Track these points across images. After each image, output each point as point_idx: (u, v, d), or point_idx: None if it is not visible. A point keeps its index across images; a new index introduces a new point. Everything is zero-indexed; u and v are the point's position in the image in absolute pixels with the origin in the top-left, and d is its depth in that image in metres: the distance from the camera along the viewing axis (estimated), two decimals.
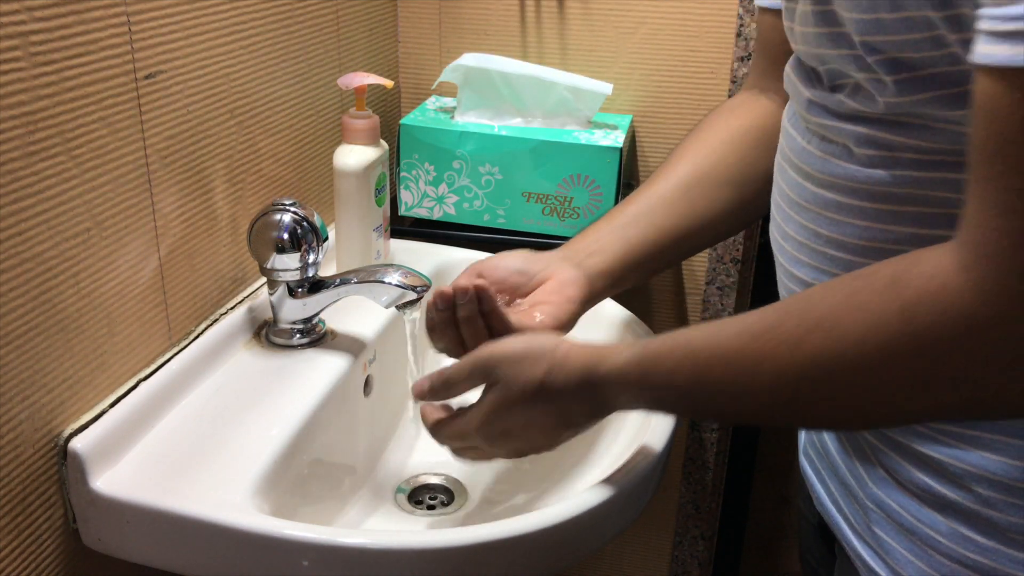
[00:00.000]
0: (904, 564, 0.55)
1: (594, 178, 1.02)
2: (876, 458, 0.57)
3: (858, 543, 0.59)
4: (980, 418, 0.50)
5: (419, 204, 1.08)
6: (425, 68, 1.18)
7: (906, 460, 0.54)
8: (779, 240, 0.61)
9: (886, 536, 0.56)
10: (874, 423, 0.54)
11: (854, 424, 0.55)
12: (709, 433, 1.27)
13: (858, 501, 0.59)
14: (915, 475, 0.54)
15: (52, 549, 0.64)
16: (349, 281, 0.79)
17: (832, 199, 0.54)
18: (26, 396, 0.60)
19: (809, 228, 0.56)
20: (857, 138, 0.51)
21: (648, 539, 1.37)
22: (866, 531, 0.58)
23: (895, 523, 0.55)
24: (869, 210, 0.52)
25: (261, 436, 0.69)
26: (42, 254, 0.59)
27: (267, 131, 0.86)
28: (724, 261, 1.16)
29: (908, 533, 0.55)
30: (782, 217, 0.60)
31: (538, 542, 0.62)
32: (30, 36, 0.56)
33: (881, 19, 0.46)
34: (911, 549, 0.54)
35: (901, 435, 0.54)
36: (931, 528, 0.53)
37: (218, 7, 0.75)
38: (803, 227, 0.57)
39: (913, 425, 0.53)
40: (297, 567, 0.60)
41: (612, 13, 1.09)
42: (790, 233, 0.59)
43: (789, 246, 0.59)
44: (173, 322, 0.75)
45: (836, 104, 0.53)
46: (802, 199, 0.57)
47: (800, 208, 0.57)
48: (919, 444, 0.53)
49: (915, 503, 0.54)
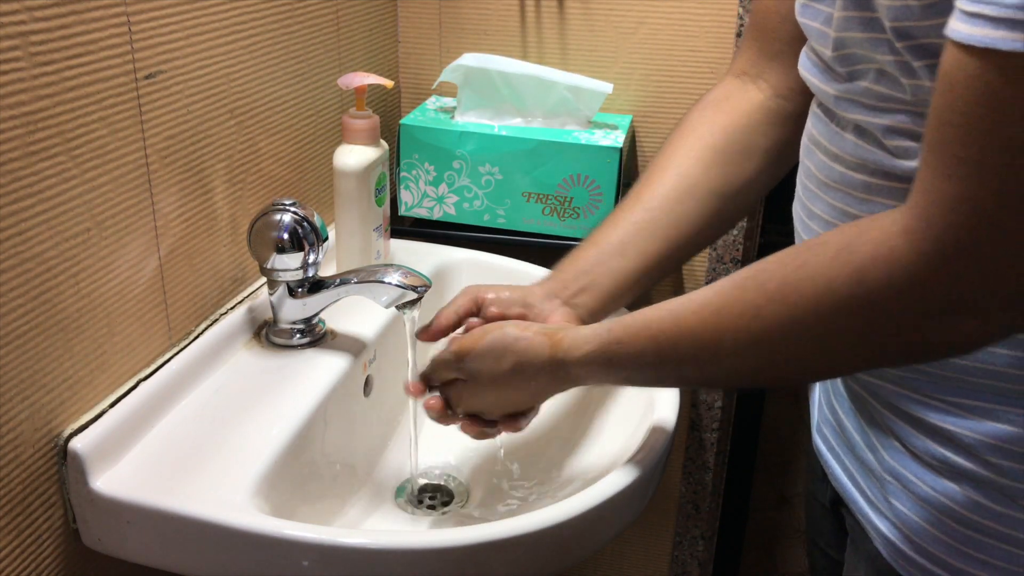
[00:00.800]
0: (920, 532, 0.56)
1: (594, 178, 1.02)
2: (891, 430, 0.58)
3: (875, 515, 0.60)
4: (916, 361, 0.54)
5: (419, 204, 1.08)
6: (425, 68, 1.18)
7: (920, 431, 0.56)
8: (804, 219, 0.62)
9: (902, 507, 0.57)
10: (824, 376, 0.60)
11: (807, 378, 0.60)
12: (709, 433, 1.27)
13: (874, 474, 0.60)
14: (929, 446, 0.55)
15: (52, 549, 0.64)
16: (349, 281, 0.79)
17: (862, 180, 0.55)
18: (26, 396, 0.60)
19: (838, 207, 0.57)
20: (886, 129, 0.52)
21: (648, 539, 1.37)
22: (883, 503, 0.59)
23: (911, 493, 0.57)
24: (899, 191, 0.52)
25: (261, 436, 0.69)
26: (42, 254, 0.59)
27: (267, 131, 0.86)
28: (724, 261, 1.16)
29: (924, 503, 0.56)
30: (808, 197, 0.61)
31: (538, 542, 0.62)
32: (30, 36, 0.56)
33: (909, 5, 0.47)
34: (926, 517, 0.56)
35: (914, 407, 0.56)
36: (947, 497, 0.55)
37: (218, 7, 0.75)
38: (831, 206, 0.58)
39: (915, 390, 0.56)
40: (297, 567, 0.60)
41: (612, 13, 1.09)
42: (817, 212, 0.59)
43: (816, 225, 0.60)
44: (173, 322, 0.75)
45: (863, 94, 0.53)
46: (830, 179, 0.57)
47: (828, 188, 0.58)
48: (932, 416, 0.55)
49: (930, 473, 0.55)
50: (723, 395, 1.24)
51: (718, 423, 1.26)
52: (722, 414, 1.26)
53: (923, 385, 0.55)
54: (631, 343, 0.59)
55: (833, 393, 0.66)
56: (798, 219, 0.64)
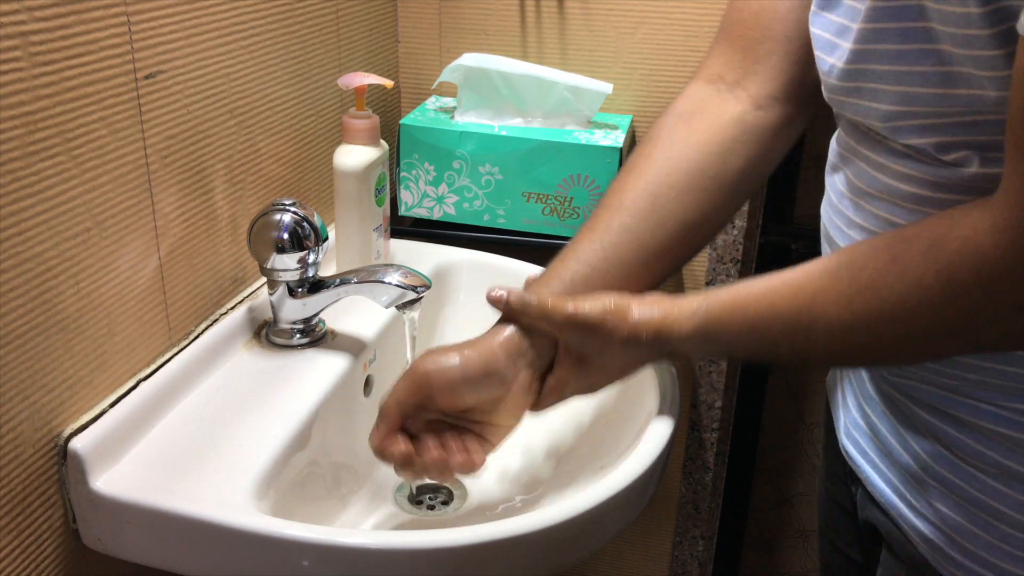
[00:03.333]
0: (970, 538, 0.56)
1: (594, 178, 1.02)
2: (931, 432, 0.58)
3: (917, 519, 0.60)
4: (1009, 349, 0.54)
5: (419, 204, 1.08)
6: (425, 68, 1.18)
7: (968, 435, 0.56)
8: (842, 227, 0.61)
9: (948, 511, 0.57)
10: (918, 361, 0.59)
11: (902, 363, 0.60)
12: (709, 433, 1.27)
13: (915, 477, 0.60)
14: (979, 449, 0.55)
15: (52, 549, 0.64)
16: (349, 281, 0.79)
17: (911, 192, 0.54)
18: (26, 396, 0.60)
19: (883, 217, 0.57)
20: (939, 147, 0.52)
21: (648, 539, 1.37)
22: (926, 507, 0.59)
23: (958, 497, 0.57)
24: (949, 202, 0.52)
25: (261, 436, 0.69)
26: (42, 254, 0.59)
27: (267, 131, 0.86)
28: (724, 261, 1.16)
29: (973, 506, 0.56)
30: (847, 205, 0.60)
31: (538, 542, 0.62)
32: (30, 36, 0.56)
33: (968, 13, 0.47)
34: (976, 522, 0.56)
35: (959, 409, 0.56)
36: (997, 501, 0.55)
37: (218, 7, 0.75)
38: (875, 216, 0.58)
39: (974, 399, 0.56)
40: (297, 567, 0.60)
41: (612, 13, 1.09)
42: (858, 221, 0.59)
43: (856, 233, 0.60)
44: (173, 322, 0.75)
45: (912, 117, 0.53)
46: (873, 188, 0.57)
47: (871, 197, 0.58)
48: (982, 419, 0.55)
49: (980, 476, 0.55)
50: (723, 395, 1.24)
51: (718, 423, 1.26)
52: (722, 414, 1.26)
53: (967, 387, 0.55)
54: (728, 323, 0.60)
55: (863, 396, 0.65)
56: (833, 226, 0.63)
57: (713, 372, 1.23)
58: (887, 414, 0.62)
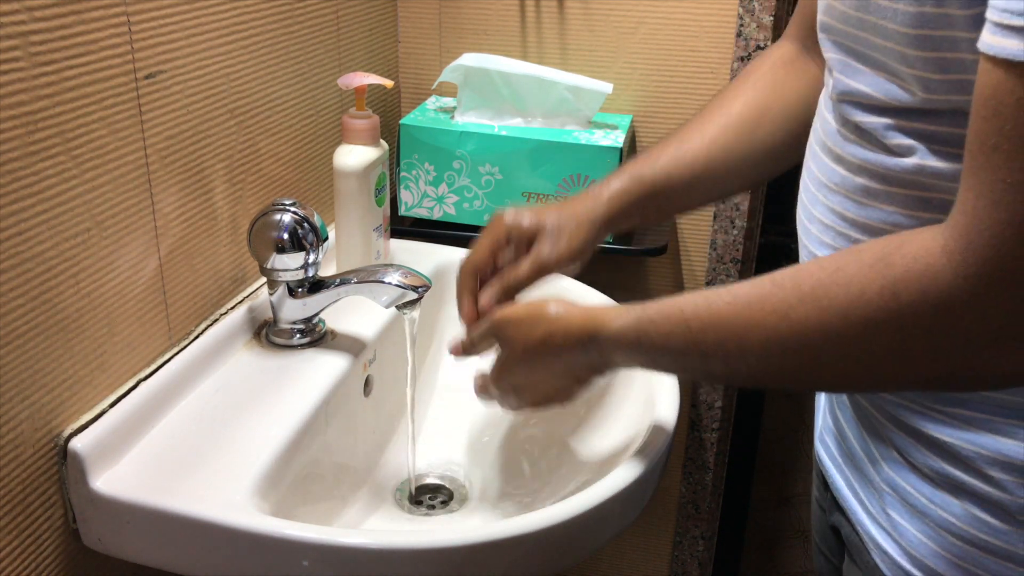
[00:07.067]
0: (918, 546, 0.56)
1: (594, 178, 1.02)
2: (891, 442, 0.57)
3: (872, 526, 0.59)
4: (957, 390, 0.52)
5: (419, 204, 1.08)
6: (425, 68, 1.18)
7: (919, 443, 0.55)
8: (804, 222, 0.61)
9: (900, 518, 0.57)
10: (857, 389, 0.58)
11: (837, 388, 0.59)
12: (709, 433, 1.27)
13: (873, 484, 0.59)
14: (928, 458, 0.54)
15: (52, 549, 0.64)
16: (349, 281, 0.79)
17: (861, 184, 0.54)
18: (26, 396, 0.60)
19: (836, 211, 0.56)
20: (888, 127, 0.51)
21: (648, 539, 1.37)
22: (880, 514, 0.59)
23: (909, 505, 0.56)
24: (897, 196, 0.52)
25: (261, 436, 0.69)
26: (42, 254, 0.59)
27: (267, 131, 0.86)
28: (724, 261, 1.16)
29: (922, 515, 0.55)
30: (809, 199, 0.61)
31: (538, 542, 0.62)
32: (30, 36, 0.56)
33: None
34: (924, 531, 0.55)
35: (913, 418, 0.55)
36: (945, 510, 0.54)
37: (218, 7, 0.75)
38: (830, 209, 0.57)
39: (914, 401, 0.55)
40: (297, 567, 0.60)
41: (612, 13, 1.09)
42: (816, 215, 0.59)
43: (815, 228, 0.59)
44: (173, 322, 0.75)
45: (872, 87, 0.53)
46: (831, 182, 0.57)
47: (829, 190, 0.57)
48: (931, 427, 0.54)
49: (928, 485, 0.55)
50: (723, 395, 1.24)
51: (718, 423, 1.26)
52: (722, 414, 1.26)
53: (923, 397, 0.54)
54: (663, 323, 0.57)
55: (836, 402, 0.65)
56: (799, 222, 0.63)
57: None
58: (856, 421, 0.61)
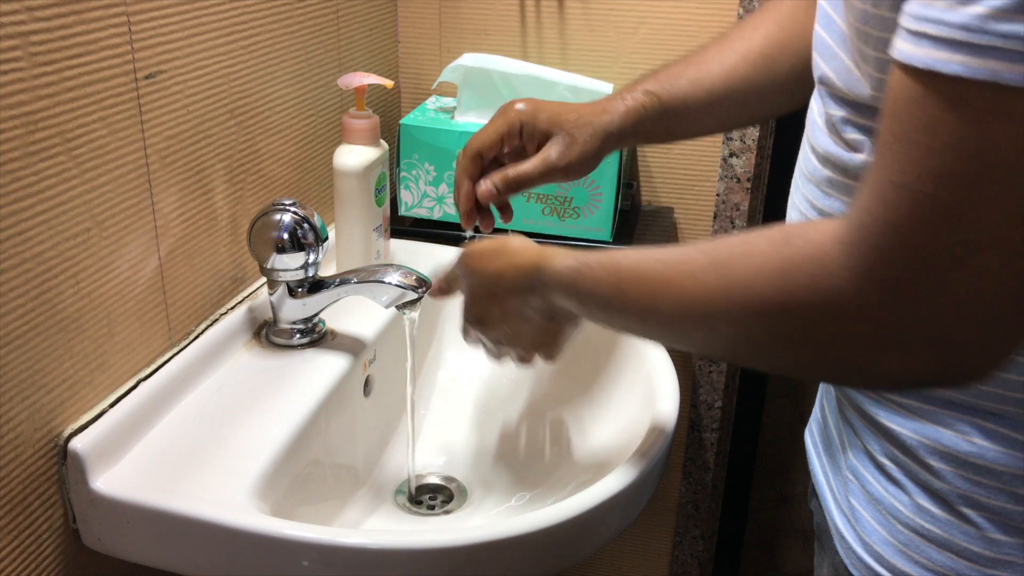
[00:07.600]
0: (870, 532, 0.57)
1: (594, 178, 1.02)
2: (856, 430, 0.58)
3: (836, 512, 0.61)
4: (846, 383, 0.53)
5: (419, 204, 1.08)
6: (425, 68, 1.18)
7: (874, 430, 0.56)
8: (789, 210, 0.63)
9: (858, 505, 0.58)
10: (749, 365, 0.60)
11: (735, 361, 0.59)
12: (709, 433, 1.27)
13: (840, 471, 0.60)
14: (882, 445, 0.56)
15: (52, 549, 0.64)
16: (349, 281, 0.79)
17: (826, 175, 0.55)
18: (26, 396, 0.60)
19: (808, 200, 0.57)
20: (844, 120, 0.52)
21: (648, 539, 1.37)
22: (844, 501, 0.60)
23: (867, 493, 0.57)
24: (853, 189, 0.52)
25: (261, 436, 0.69)
26: (42, 254, 0.59)
27: (267, 131, 0.86)
28: None
29: (876, 503, 0.56)
30: (793, 188, 0.62)
31: (538, 542, 0.62)
32: (30, 36, 0.56)
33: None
34: (876, 518, 0.56)
35: (869, 405, 0.56)
36: (894, 498, 0.55)
37: (218, 7, 0.75)
38: (805, 199, 0.58)
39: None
40: (297, 567, 0.60)
41: (612, 13, 1.09)
42: (796, 203, 0.60)
43: (794, 215, 0.60)
44: (173, 322, 0.75)
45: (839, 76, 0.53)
46: (807, 171, 0.58)
47: (805, 179, 0.58)
48: (883, 415, 0.55)
49: (881, 474, 0.56)
50: (723, 395, 1.24)
51: (718, 423, 1.26)
52: (722, 414, 1.26)
53: None
54: (598, 271, 0.58)
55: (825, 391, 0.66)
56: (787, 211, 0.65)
57: (713, 372, 1.23)
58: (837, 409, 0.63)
